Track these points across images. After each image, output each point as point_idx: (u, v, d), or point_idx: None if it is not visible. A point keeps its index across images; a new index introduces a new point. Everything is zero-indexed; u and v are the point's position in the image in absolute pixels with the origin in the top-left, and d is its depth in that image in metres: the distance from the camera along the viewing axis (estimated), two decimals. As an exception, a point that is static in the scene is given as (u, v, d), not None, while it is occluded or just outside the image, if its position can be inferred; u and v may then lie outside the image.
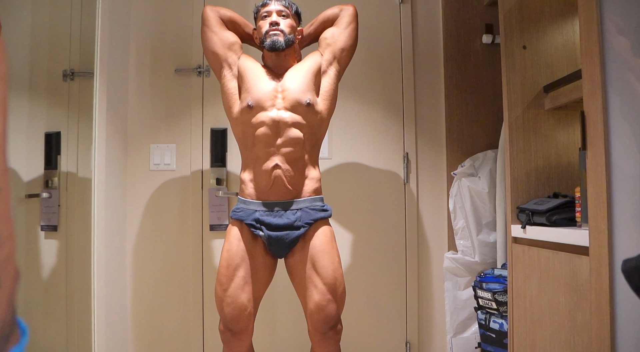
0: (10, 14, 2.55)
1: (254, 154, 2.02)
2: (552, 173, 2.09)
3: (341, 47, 2.16)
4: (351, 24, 2.19)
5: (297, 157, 2.01)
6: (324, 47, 2.17)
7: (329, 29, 2.21)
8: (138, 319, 2.74)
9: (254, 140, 2.01)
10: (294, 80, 2.06)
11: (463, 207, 2.67)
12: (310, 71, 2.08)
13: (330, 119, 2.15)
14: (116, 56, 2.63)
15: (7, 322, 0.37)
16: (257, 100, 2.01)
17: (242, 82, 2.08)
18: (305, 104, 2.01)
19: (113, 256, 2.54)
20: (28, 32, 2.61)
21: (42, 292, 2.49)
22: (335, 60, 2.15)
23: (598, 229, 1.45)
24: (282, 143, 1.98)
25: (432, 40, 2.91)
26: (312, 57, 2.15)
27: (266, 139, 1.99)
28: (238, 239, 1.99)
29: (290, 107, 2.00)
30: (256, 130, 2.00)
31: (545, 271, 1.83)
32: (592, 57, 1.47)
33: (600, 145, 1.43)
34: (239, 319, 1.93)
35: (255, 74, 2.08)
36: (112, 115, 2.53)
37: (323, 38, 2.20)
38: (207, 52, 2.18)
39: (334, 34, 2.18)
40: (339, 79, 2.17)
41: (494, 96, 2.78)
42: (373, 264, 2.81)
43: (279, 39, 2.06)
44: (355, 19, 2.20)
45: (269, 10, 2.13)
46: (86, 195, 2.37)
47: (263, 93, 2.02)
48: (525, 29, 2.11)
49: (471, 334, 2.71)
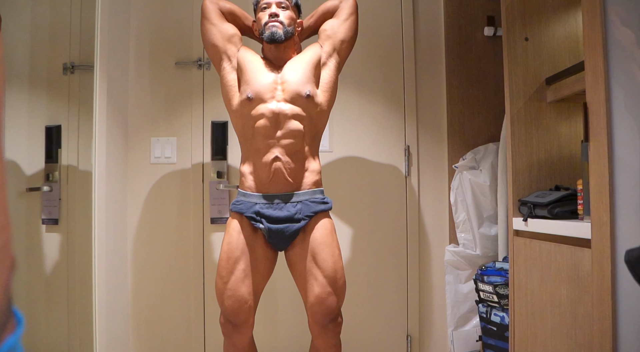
0: (11, 7, 2.54)
1: (253, 147, 2.02)
2: (554, 166, 2.08)
3: (341, 39, 2.15)
4: (351, 16, 2.17)
5: (297, 149, 2.00)
6: (324, 39, 2.16)
7: (329, 20, 2.19)
8: (139, 313, 2.74)
9: (253, 132, 2.00)
10: (293, 72, 2.05)
11: (464, 200, 2.67)
12: (310, 63, 2.07)
13: (330, 111, 2.14)
14: (116, 49, 2.62)
15: (2, 311, 0.37)
16: (256, 92, 2.00)
17: (242, 74, 2.07)
18: (305, 96, 2.00)
19: (114, 249, 2.54)
20: (28, 25, 2.60)
21: (44, 285, 2.49)
22: (335, 52, 2.14)
23: (600, 221, 1.44)
24: (282, 135, 1.98)
25: (434, 33, 2.89)
26: (311, 48, 2.14)
27: (266, 131, 1.98)
28: (238, 232, 1.99)
29: (290, 98, 2.00)
30: (256, 123, 1.99)
31: (546, 263, 1.83)
32: (595, 49, 1.46)
33: (603, 137, 1.42)
34: (240, 312, 1.93)
35: (254, 66, 2.07)
36: (112, 109, 2.52)
37: (323, 30, 2.18)
38: (207, 44, 2.17)
39: (333, 25, 2.17)
40: (339, 71, 2.15)
41: (495, 89, 2.77)
42: (374, 258, 2.80)
43: (278, 31, 2.05)
44: (355, 10, 2.19)
45: (268, 2, 2.12)
46: (87, 188, 2.37)
47: (262, 85, 2.01)
48: (527, 20, 2.10)
49: (472, 327, 2.71)
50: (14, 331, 0.38)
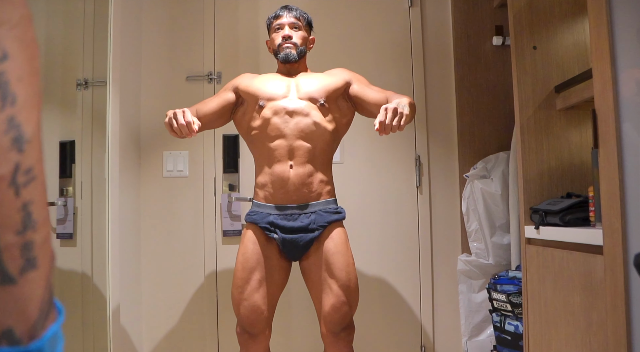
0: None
1: (267, 159, 2.04)
2: (565, 173, 2.08)
3: (362, 99, 2.12)
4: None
5: (310, 160, 2.02)
6: (357, 82, 2.15)
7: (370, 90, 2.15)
8: (153, 325, 2.75)
9: (267, 145, 2.03)
10: (310, 79, 2.11)
11: (476, 209, 2.66)
12: (329, 79, 2.11)
13: (344, 128, 2.15)
14: (128, 65, 2.66)
15: (45, 301, 0.41)
16: (264, 94, 2.05)
17: (249, 89, 2.10)
18: (319, 104, 2.05)
19: (128, 262, 2.56)
20: (41, 42, 2.64)
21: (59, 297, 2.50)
22: (353, 97, 2.13)
23: (612, 227, 1.44)
24: (295, 147, 2.00)
25: (442, 43, 2.91)
26: (338, 73, 2.16)
27: (279, 143, 2.01)
28: (253, 242, 2.01)
29: (304, 105, 2.04)
30: (269, 135, 2.02)
31: (559, 271, 1.82)
32: (603, 55, 1.46)
33: (612, 143, 1.42)
34: (257, 322, 1.94)
35: (262, 78, 2.14)
36: (125, 124, 2.56)
37: (359, 81, 2.17)
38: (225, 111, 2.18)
39: (367, 91, 2.13)
40: (351, 113, 2.17)
41: (505, 98, 2.77)
42: (386, 268, 2.80)
43: (292, 52, 2.13)
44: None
45: (281, 23, 2.16)
46: (101, 202, 2.39)
47: (274, 92, 2.06)
48: (535, 29, 2.11)
49: (486, 336, 2.69)
50: (56, 320, 0.42)
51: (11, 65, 0.38)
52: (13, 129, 0.38)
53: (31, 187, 0.39)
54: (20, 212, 0.39)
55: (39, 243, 0.40)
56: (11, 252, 0.38)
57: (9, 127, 0.38)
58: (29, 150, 0.39)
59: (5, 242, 0.38)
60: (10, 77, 0.38)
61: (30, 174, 0.39)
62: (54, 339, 0.41)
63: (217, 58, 2.86)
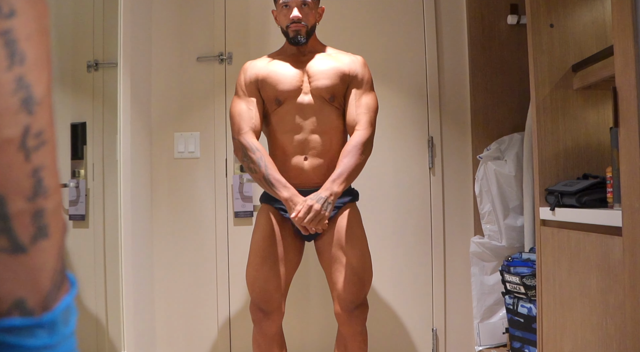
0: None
1: (282, 152, 2.05)
2: (581, 154, 2.05)
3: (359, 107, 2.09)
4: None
5: (324, 153, 2.03)
6: (355, 87, 2.09)
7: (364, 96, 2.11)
8: (164, 306, 2.77)
9: (282, 138, 2.04)
10: (320, 73, 2.05)
11: (489, 191, 2.64)
12: (337, 78, 2.05)
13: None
14: (139, 46, 2.64)
15: (58, 271, 0.39)
16: (282, 92, 2.02)
17: (267, 89, 2.05)
18: (329, 99, 2.04)
19: (140, 243, 2.57)
20: (52, 25, 2.62)
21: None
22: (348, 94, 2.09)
23: (632, 207, 1.42)
24: (309, 141, 2.02)
25: (456, 22, 2.86)
26: (348, 69, 2.08)
27: (294, 137, 2.02)
28: (268, 222, 2.02)
29: (316, 93, 2.02)
30: (283, 119, 2.03)
31: (575, 253, 1.80)
32: (625, 31, 1.43)
33: (634, 122, 1.39)
34: (271, 299, 1.95)
35: (274, 67, 2.07)
36: (136, 105, 2.54)
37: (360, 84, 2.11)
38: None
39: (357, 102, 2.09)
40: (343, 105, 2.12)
41: (519, 78, 2.73)
42: (398, 250, 2.79)
43: (302, 35, 2.04)
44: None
45: (289, 2, 2.04)
46: (112, 184, 2.39)
47: (288, 83, 2.03)
48: (552, 7, 2.06)
49: (499, 319, 2.68)
50: (69, 292, 0.41)
51: (19, 23, 0.36)
52: (22, 90, 0.36)
53: (42, 151, 0.37)
54: (30, 178, 0.37)
55: (51, 211, 0.38)
56: (22, 219, 0.36)
57: (18, 87, 0.36)
58: (39, 112, 0.37)
59: (16, 209, 0.36)
60: (19, 34, 0.36)
61: (40, 138, 0.37)
62: (67, 311, 0.40)
63: (228, 38, 2.83)
